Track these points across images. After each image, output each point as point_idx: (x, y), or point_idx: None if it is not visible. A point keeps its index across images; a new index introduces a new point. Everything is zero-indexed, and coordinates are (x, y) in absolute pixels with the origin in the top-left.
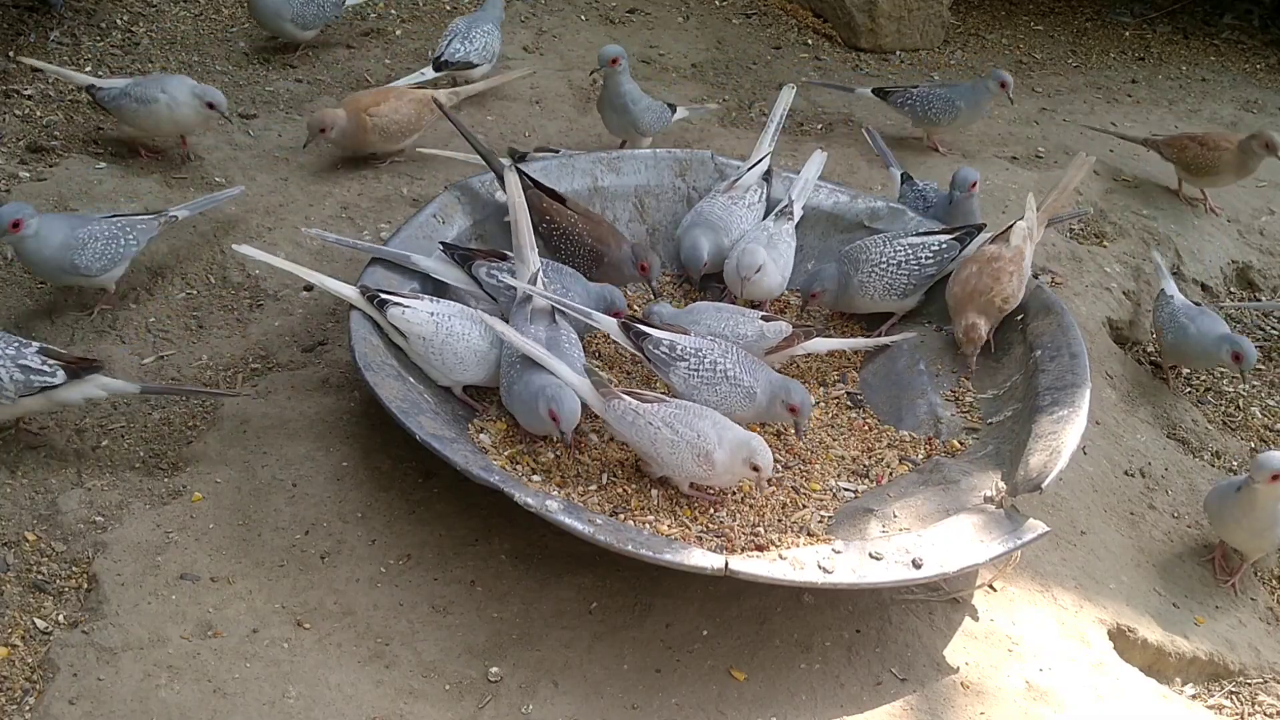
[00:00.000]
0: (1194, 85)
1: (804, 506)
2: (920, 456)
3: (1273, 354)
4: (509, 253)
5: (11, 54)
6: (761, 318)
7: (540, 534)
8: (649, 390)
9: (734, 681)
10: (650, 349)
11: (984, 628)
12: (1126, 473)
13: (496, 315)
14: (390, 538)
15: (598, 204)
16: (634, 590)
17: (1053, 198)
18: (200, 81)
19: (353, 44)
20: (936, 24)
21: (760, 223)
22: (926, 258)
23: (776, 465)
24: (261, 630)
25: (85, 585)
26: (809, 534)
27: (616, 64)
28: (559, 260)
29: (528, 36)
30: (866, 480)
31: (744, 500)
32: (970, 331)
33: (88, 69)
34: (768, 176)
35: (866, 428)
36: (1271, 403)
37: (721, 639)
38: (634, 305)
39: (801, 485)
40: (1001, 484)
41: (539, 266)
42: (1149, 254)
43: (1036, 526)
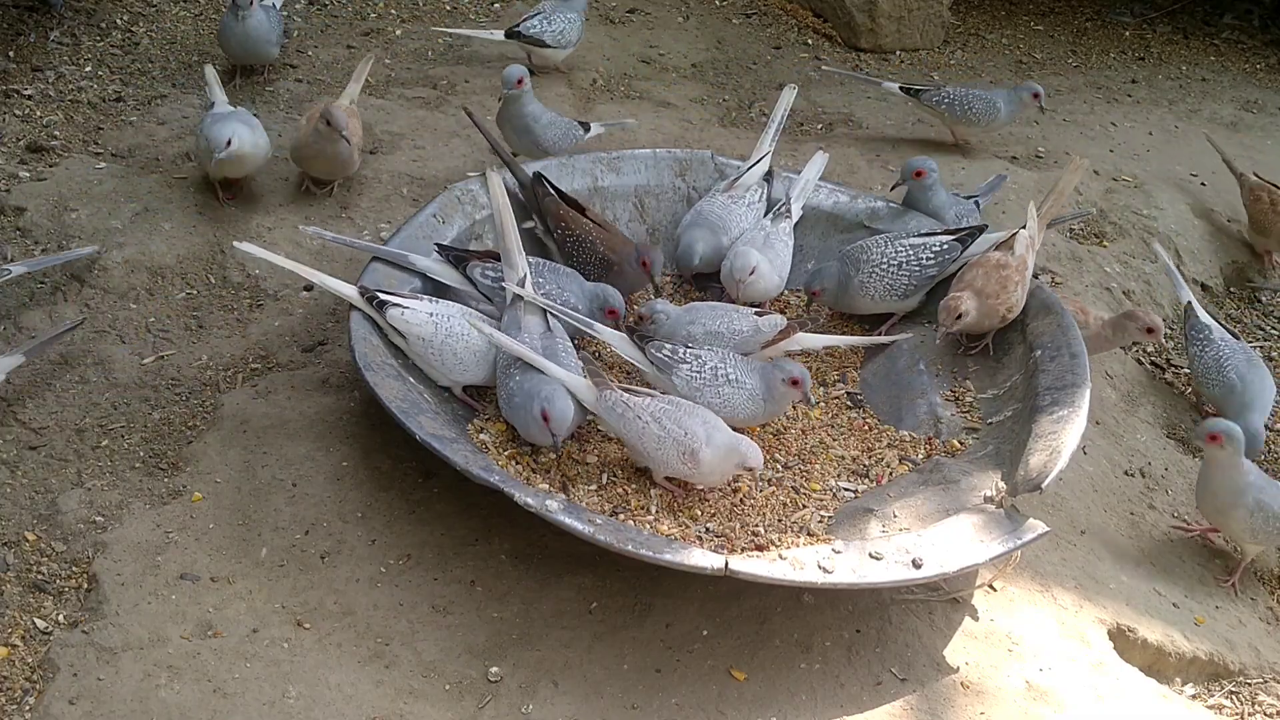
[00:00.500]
0: (1194, 85)
1: (804, 506)
2: (920, 456)
3: (1273, 354)
4: None
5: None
6: (755, 313)
7: (540, 534)
8: (645, 388)
9: (734, 681)
10: (654, 353)
11: (984, 628)
12: (1126, 473)
13: (494, 315)
14: (390, 538)
15: (598, 204)
16: (634, 590)
17: (1049, 202)
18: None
19: (353, 44)
20: (936, 24)
21: (758, 223)
22: (927, 258)
23: (776, 465)
24: (261, 630)
25: (85, 585)
26: (809, 534)
27: (522, 84)
28: (572, 268)
29: None
30: (866, 480)
31: (743, 500)
32: (954, 306)
33: (87, 68)
34: (769, 176)
35: (866, 428)
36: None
37: (721, 639)
38: (637, 303)
39: (801, 485)
40: (1001, 484)
41: (527, 270)
42: (1151, 249)
43: (1036, 526)
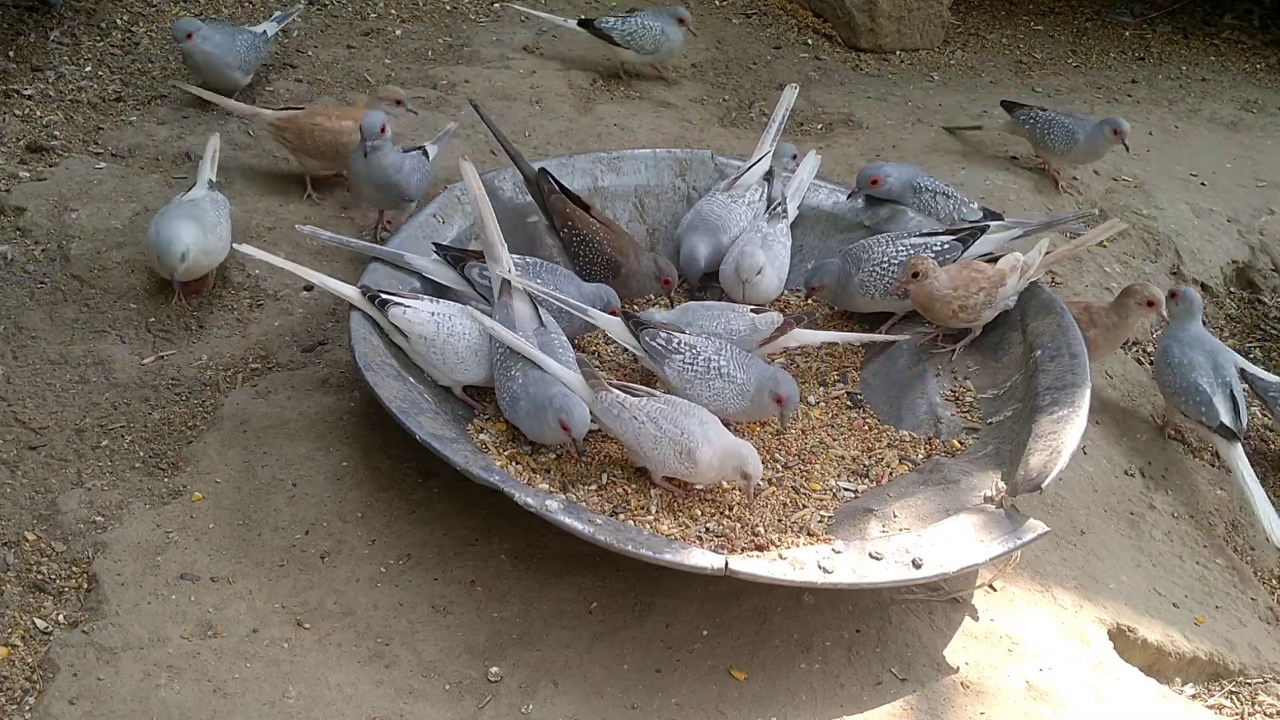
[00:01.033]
0: (1194, 85)
1: (804, 506)
2: (920, 456)
3: (1273, 354)
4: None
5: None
6: (752, 310)
7: (540, 534)
8: (643, 386)
9: (734, 681)
10: (648, 341)
11: (984, 628)
12: (1126, 473)
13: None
14: (390, 538)
15: (598, 204)
16: (634, 590)
17: (1068, 249)
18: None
19: (353, 44)
20: (936, 24)
21: (754, 223)
22: (929, 257)
23: (776, 465)
24: (261, 630)
25: (85, 585)
26: (809, 534)
27: (385, 133)
28: (576, 268)
29: (528, 36)
30: (866, 480)
31: (741, 502)
32: (915, 262)
33: (88, 68)
34: (769, 176)
35: (866, 428)
36: None
37: (721, 639)
38: (638, 306)
39: (801, 485)
40: (1001, 484)
41: (510, 264)
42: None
43: (1036, 526)
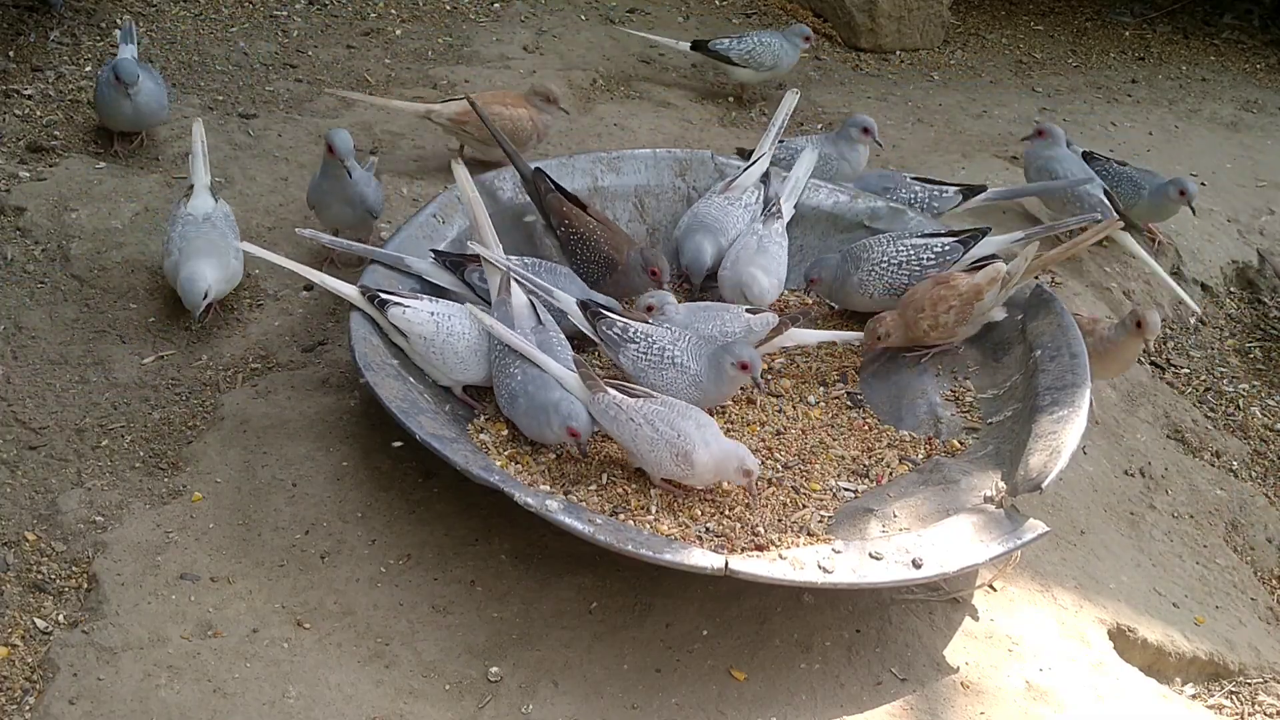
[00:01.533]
0: (1194, 85)
1: (804, 506)
2: (920, 456)
3: (1273, 354)
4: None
5: (11, 54)
6: (748, 311)
7: (540, 534)
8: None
9: (734, 681)
10: (604, 330)
11: (984, 628)
12: (1126, 473)
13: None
14: (390, 538)
15: (598, 204)
16: (634, 590)
17: (1059, 252)
18: (201, 82)
19: (353, 44)
20: (936, 24)
21: (750, 225)
22: (928, 259)
23: (776, 465)
24: (261, 630)
25: (85, 585)
26: (809, 534)
27: (332, 153)
28: (573, 266)
29: (528, 36)
30: (866, 480)
31: (743, 500)
32: (875, 329)
33: (87, 68)
34: (766, 177)
35: (866, 428)
36: (1271, 402)
37: (721, 639)
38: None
39: (801, 485)
40: (1001, 484)
41: (506, 270)
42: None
43: (1036, 526)
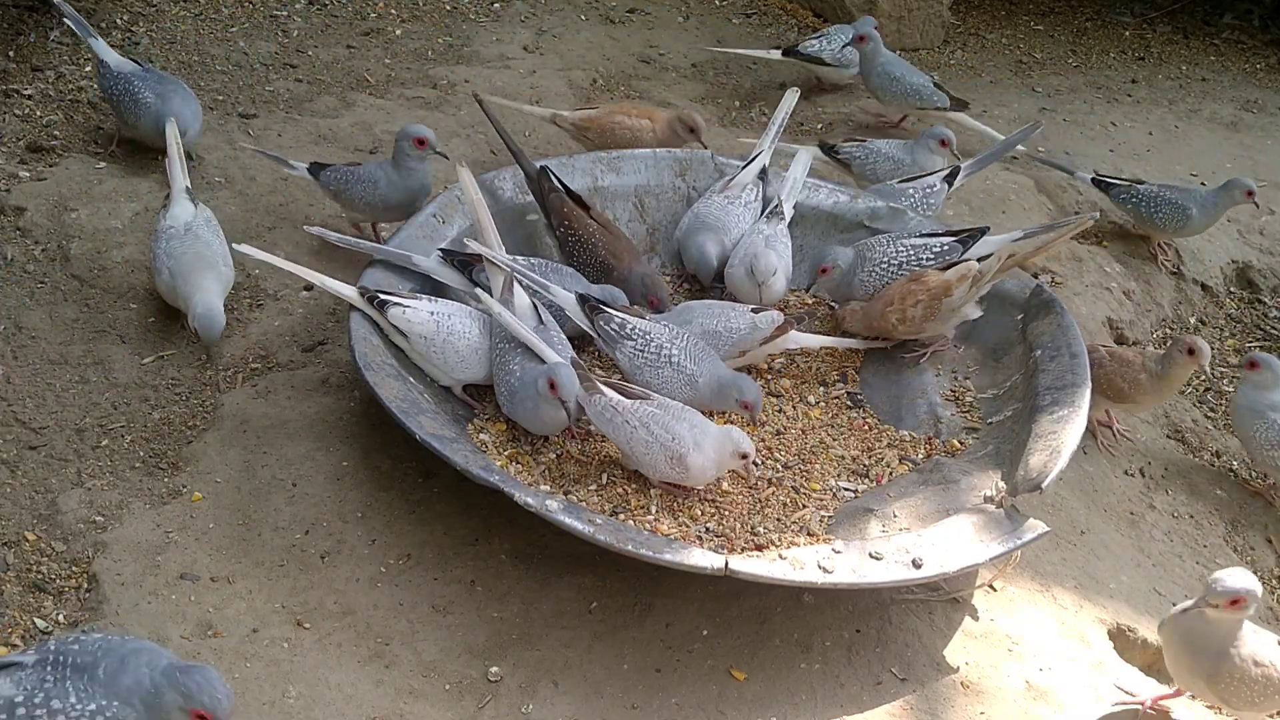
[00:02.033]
0: (1194, 85)
1: (804, 506)
2: (920, 456)
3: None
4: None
5: (11, 54)
6: (752, 310)
7: (540, 534)
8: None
9: (734, 681)
10: (602, 325)
11: (984, 628)
12: (1126, 473)
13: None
14: (390, 538)
15: (598, 203)
16: (634, 590)
17: (1034, 247)
18: (200, 81)
19: (353, 44)
20: (936, 24)
21: (754, 225)
22: (928, 258)
23: (776, 465)
24: (261, 630)
25: (85, 585)
26: (809, 534)
27: (424, 145)
28: (571, 267)
29: (528, 36)
30: (866, 480)
31: (743, 500)
32: (847, 318)
33: (88, 68)
34: (764, 175)
35: (866, 428)
36: None
37: (721, 639)
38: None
39: (801, 485)
40: (1001, 484)
41: (511, 267)
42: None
43: (1036, 526)
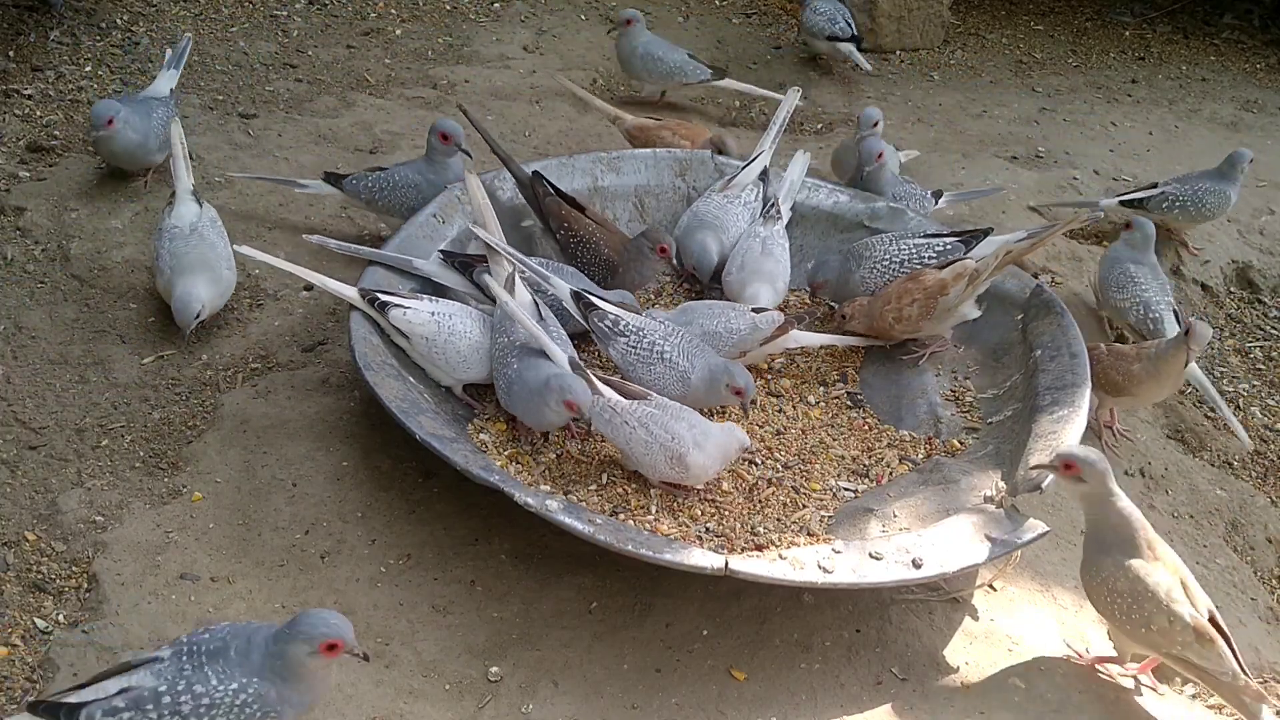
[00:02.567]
0: (1194, 85)
1: (804, 506)
2: (920, 456)
3: (1273, 354)
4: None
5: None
6: (752, 310)
7: (540, 534)
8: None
9: (734, 681)
10: (595, 321)
11: (984, 628)
12: (1126, 473)
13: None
14: (390, 538)
15: (598, 203)
16: (634, 590)
17: (1027, 249)
18: (201, 82)
19: (353, 44)
20: (936, 24)
21: (751, 228)
22: (930, 257)
23: (776, 465)
24: None
25: (85, 585)
26: (809, 534)
27: (448, 141)
28: (575, 268)
29: (528, 36)
30: (866, 480)
31: (743, 500)
32: (842, 309)
33: (87, 68)
34: (764, 176)
35: (866, 428)
36: (1271, 402)
37: (721, 639)
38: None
39: (801, 485)
40: (1001, 484)
41: (513, 268)
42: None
43: (1036, 526)
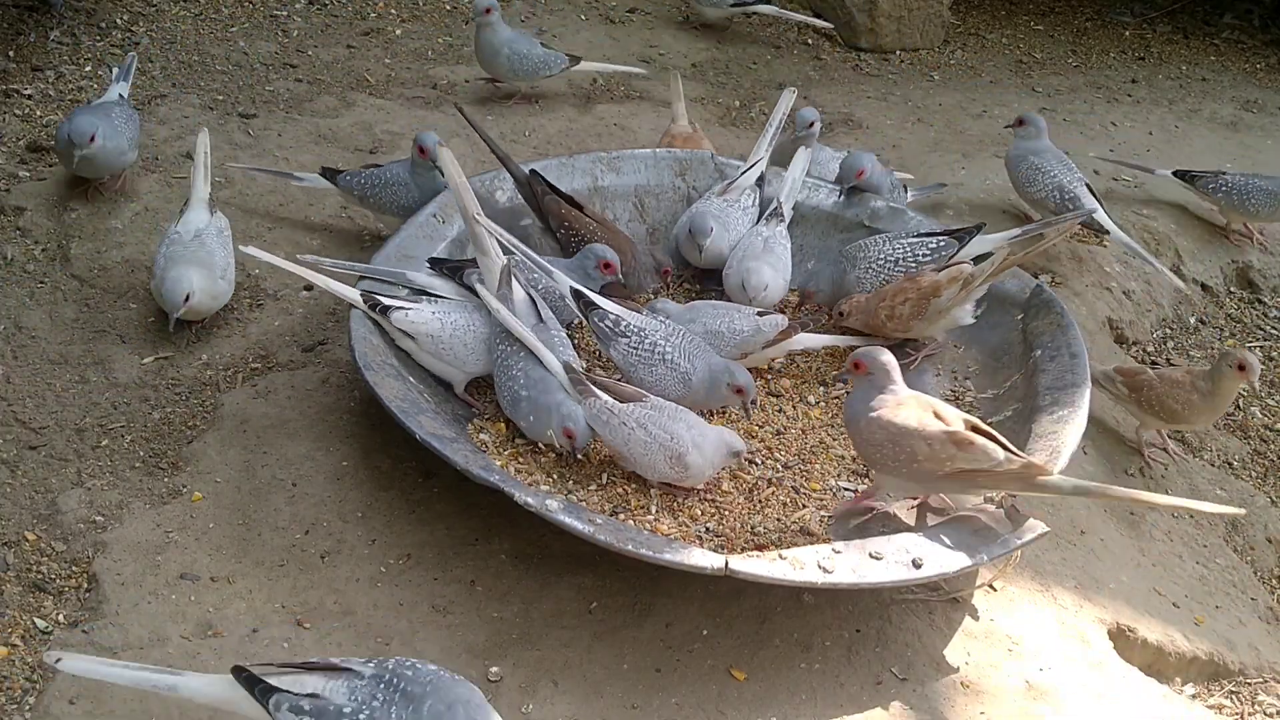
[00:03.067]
0: (1194, 85)
1: (804, 506)
2: None
3: (1273, 354)
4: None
5: (11, 54)
6: (756, 313)
7: (540, 534)
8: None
9: (734, 681)
10: (596, 321)
11: (984, 628)
12: (1127, 473)
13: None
14: (390, 537)
15: (598, 203)
16: (634, 590)
17: (1024, 251)
18: (200, 82)
19: (353, 44)
20: (936, 24)
21: (754, 229)
22: (924, 254)
23: (776, 465)
24: (261, 630)
25: (85, 585)
26: (809, 534)
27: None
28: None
29: None
30: (867, 480)
31: (743, 500)
32: (841, 304)
33: (87, 68)
34: (761, 182)
35: None
36: (1271, 402)
37: (721, 639)
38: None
39: (801, 485)
40: None
41: (506, 260)
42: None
43: (1036, 526)
